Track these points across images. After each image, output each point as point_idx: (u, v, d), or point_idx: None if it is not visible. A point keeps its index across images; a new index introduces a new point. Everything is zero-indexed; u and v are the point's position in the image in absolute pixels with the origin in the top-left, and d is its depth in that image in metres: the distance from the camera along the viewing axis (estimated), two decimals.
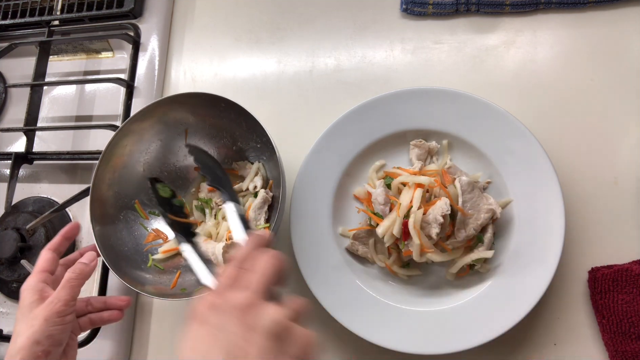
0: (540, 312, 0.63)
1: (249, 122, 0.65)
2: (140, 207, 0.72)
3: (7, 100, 0.94)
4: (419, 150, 0.68)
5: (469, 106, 0.66)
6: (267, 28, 0.84)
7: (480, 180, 0.66)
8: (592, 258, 0.63)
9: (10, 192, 0.82)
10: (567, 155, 0.67)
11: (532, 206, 0.62)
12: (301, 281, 0.66)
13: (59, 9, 0.92)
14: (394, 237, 0.62)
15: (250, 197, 0.71)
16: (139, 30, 0.87)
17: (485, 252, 0.62)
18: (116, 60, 0.91)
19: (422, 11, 0.76)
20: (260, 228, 0.68)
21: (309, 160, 0.69)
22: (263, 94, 0.81)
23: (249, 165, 0.73)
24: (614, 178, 0.65)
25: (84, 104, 0.89)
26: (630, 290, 0.60)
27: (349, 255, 0.68)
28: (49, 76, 0.90)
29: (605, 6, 0.71)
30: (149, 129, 0.70)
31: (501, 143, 0.65)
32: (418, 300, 0.65)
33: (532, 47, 0.72)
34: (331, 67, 0.79)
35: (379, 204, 0.65)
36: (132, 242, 0.70)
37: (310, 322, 0.70)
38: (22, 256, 0.78)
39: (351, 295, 0.65)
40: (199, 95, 0.66)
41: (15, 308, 0.82)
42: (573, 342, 0.62)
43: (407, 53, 0.77)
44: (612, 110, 0.68)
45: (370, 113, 0.68)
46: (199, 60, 0.86)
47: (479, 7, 0.74)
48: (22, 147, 0.85)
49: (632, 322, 0.59)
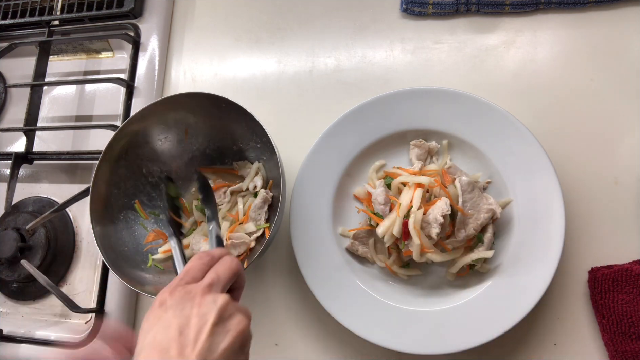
0: (540, 312, 0.63)
1: (249, 122, 0.65)
2: (140, 207, 0.72)
3: (7, 100, 0.94)
4: (419, 150, 0.68)
5: (469, 106, 0.66)
6: (267, 28, 0.84)
7: (480, 180, 0.66)
8: (592, 258, 0.63)
9: (10, 192, 0.82)
10: (567, 155, 0.67)
11: (532, 206, 0.63)
12: (301, 281, 0.66)
13: (59, 9, 0.92)
14: (394, 237, 0.62)
15: (250, 197, 0.71)
16: (139, 30, 0.87)
17: (485, 252, 0.62)
18: (116, 60, 0.91)
19: (422, 11, 0.76)
20: (261, 228, 0.68)
21: (309, 160, 0.69)
22: (263, 94, 0.81)
23: (249, 165, 0.73)
24: (614, 178, 0.65)
25: (84, 104, 0.89)
26: (630, 290, 0.60)
27: (349, 255, 0.68)
28: (49, 76, 0.90)
29: (605, 6, 0.71)
30: (149, 129, 0.70)
31: (501, 143, 0.65)
32: (418, 300, 0.65)
33: (532, 47, 0.72)
34: (331, 67, 0.79)
35: (379, 204, 0.65)
36: (132, 242, 0.70)
37: (310, 322, 0.71)
38: (22, 256, 0.78)
39: (351, 295, 0.65)
40: (199, 95, 0.66)
41: (15, 308, 0.82)
42: (573, 342, 0.62)
43: (407, 53, 0.77)
44: (612, 110, 0.68)
45: (370, 113, 0.68)
46: (199, 60, 0.86)
47: (479, 7, 0.74)
48: (22, 147, 0.85)
49: (632, 322, 0.59)
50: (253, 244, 0.68)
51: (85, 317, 0.78)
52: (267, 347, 0.70)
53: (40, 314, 0.81)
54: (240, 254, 0.67)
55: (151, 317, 0.44)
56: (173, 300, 0.44)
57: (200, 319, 0.42)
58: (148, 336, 0.42)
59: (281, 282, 0.72)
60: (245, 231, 0.68)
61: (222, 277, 0.47)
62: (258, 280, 0.73)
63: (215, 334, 0.41)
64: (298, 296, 0.71)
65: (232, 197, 0.73)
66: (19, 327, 0.79)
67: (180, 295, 0.44)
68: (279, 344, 0.70)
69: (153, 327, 0.43)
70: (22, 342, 0.77)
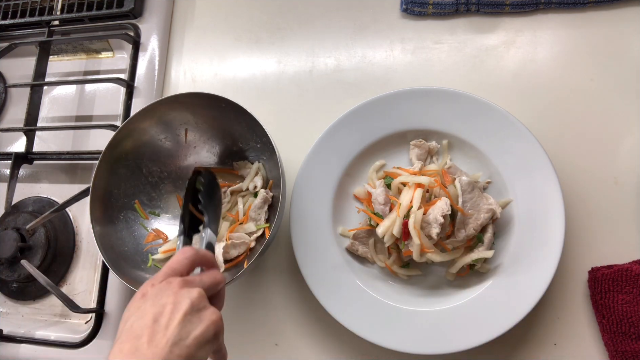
0: (540, 312, 0.63)
1: (249, 122, 0.65)
2: (140, 207, 0.72)
3: (7, 100, 0.94)
4: (419, 150, 0.68)
5: (469, 106, 0.66)
6: (267, 28, 0.84)
7: (480, 180, 0.66)
8: (592, 258, 0.63)
9: (10, 192, 0.82)
10: (567, 155, 0.67)
11: (532, 206, 0.63)
12: (301, 281, 0.66)
13: (59, 9, 0.92)
14: (394, 237, 0.62)
15: (250, 197, 0.71)
16: (139, 30, 0.87)
17: (485, 252, 0.62)
18: (116, 60, 0.91)
19: (422, 11, 0.76)
20: (261, 228, 0.68)
21: (309, 160, 0.69)
22: (263, 94, 0.81)
23: (249, 165, 0.73)
24: (614, 178, 0.65)
25: (84, 104, 0.89)
26: (630, 290, 0.60)
27: (349, 255, 0.68)
28: (49, 76, 0.90)
29: (605, 6, 0.71)
30: (149, 129, 0.70)
31: (501, 143, 0.65)
32: (418, 300, 0.65)
33: (532, 47, 0.72)
34: (331, 67, 0.79)
35: (379, 204, 0.65)
36: (132, 242, 0.70)
37: (310, 322, 0.71)
38: (22, 256, 0.78)
39: (351, 295, 0.65)
40: (199, 95, 0.66)
41: (15, 308, 0.82)
42: (573, 342, 0.62)
43: (407, 53, 0.77)
44: (612, 110, 0.68)
45: (370, 113, 0.68)
46: (199, 60, 0.86)
47: (479, 7, 0.74)
48: (22, 147, 0.85)
49: (632, 322, 0.59)
50: (253, 244, 0.68)
51: (85, 317, 0.78)
52: (267, 347, 0.70)
53: (40, 314, 0.81)
54: (240, 254, 0.67)
55: (132, 307, 0.46)
56: (153, 291, 0.46)
57: (174, 308, 0.44)
58: (126, 325, 0.44)
59: (281, 282, 0.72)
60: (245, 231, 0.68)
61: (204, 279, 0.49)
62: (258, 280, 0.73)
63: (188, 322, 0.43)
64: (298, 296, 0.71)
65: (232, 197, 0.73)
66: (19, 327, 0.79)
67: (160, 287, 0.46)
68: (279, 344, 0.70)
69: (131, 316, 0.44)
70: (22, 342, 0.77)
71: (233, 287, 0.73)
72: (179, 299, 0.44)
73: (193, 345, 0.43)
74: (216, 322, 0.45)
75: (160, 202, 0.74)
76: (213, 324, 0.45)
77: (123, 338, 0.43)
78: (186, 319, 0.43)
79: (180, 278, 0.47)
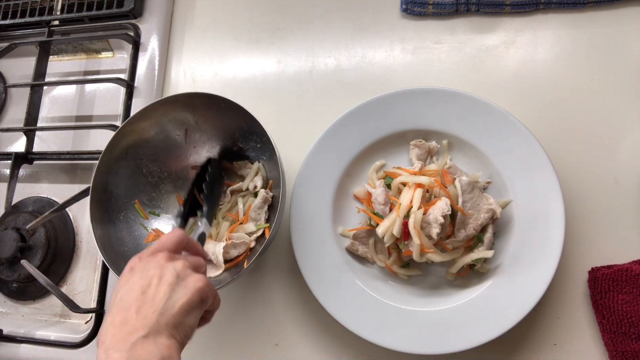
0: (540, 312, 0.63)
1: (249, 122, 0.65)
2: (140, 207, 0.72)
3: (7, 100, 0.94)
4: (419, 150, 0.68)
5: (469, 106, 0.66)
6: (267, 28, 0.84)
7: (480, 180, 0.66)
8: (592, 258, 0.63)
9: (10, 192, 0.82)
10: (567, 155, 0.67)
11: (532, 206, 0.62)
12: (301, 281, 0.66)
13: (59, 9, 0.92)
14: (394, 237, 0.62)
15: (250, 197, 0.71)
16: (139, 30, 0.87)
17: (485, 252, 0.62)
18: (116, 60, 0.91)
19: (422, 11, 0.76)
20: (261, 228, 0.68)
21: (309, 160, 0.69)
22: (263, 94, 0.81)
23: (249, 165, 0.73)
24: (614, 178, 0.65)
25: (84, 104, 0.89)
26: (630, 290, 0.60)
27: (349, 255, 0.68)
28: (49, 76, 0.90)
29: (605, 6, 0.71)
30: (149, 129, 0.70)
31: (501, 143, 0.65)
32: (418, 300, 0.65)
33: (532, 47, 0.72)
34: (331, 67, 0.79)
35: (379, 204, 0.65)
36: (132, 242, 0.70)
37: (310, 322, 0.71)
38: (22, 256, 0.78)
39: (351, 295, 0.65)
40: (199, 95, 0.66)
41: (15, 308, 0.82)
42: (573, 342, 0.62)
43: (407, 53, 0.77)
44: (611, 110, 0.68)
45: (370, 113, 0.68)
46: (199, 60, 0.86)
47: (479, 7, 0.74)
48: (22, 147, 0.85)
49: (632, 322, 0.59)
50: (253, 244, 0.68)
51: (85, 317, 0.78)
52: (267, 347, 0.70)
53: (40, 314, 0.81)
54: (240, 254, 0.67)
55: (121, 281, 0.48)
56: (140, 264, 0.48)
57: (160, 279, 0.46)
58: (116, 298, 0.46)
59: (281, 282, 0.72)
60: (245, 231, 0.68)
61: (188, 258, 0.51)
62: (258, 280, 0.73)
63: (173, 292, 0.45)
64: (298, 296, 0.71)
65: (232, 197, 0.73)
66: (19, 327, 0.79)
67: (147, 260, 0.48)
68: (279, 344, 0.70)
69: (121, 289, 0.47)
70: (22, 342, 0.77)
71: (233, 287, 0.73)
72: (164, 271, 0.46)
73: (179, 314, 0.45)
74: (201, 289, 0.47)
75: (160, 202, 0.74)
76: (198, 291, 0.46)
77: (114, 310, 0.45)
78: (172, 289, 0.45)
79: (166, 252, 0.49)
